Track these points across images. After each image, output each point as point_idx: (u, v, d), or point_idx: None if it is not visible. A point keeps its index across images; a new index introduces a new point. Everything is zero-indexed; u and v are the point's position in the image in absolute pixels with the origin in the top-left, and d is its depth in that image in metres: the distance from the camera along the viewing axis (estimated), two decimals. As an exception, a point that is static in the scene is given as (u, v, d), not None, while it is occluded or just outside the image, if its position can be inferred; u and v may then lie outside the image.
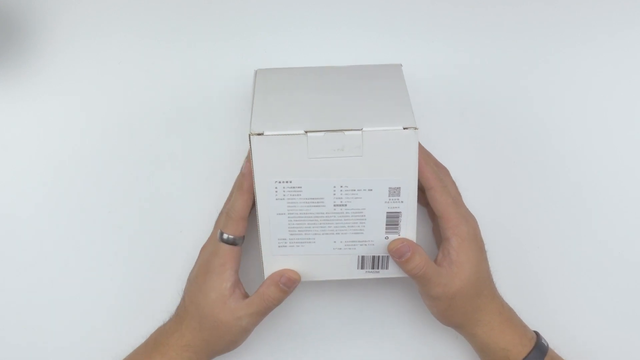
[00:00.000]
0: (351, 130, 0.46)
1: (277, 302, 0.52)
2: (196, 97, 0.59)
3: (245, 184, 0.50)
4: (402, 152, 0.47)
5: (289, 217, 0.49)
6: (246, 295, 0.53)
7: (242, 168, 0.51)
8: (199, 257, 0.54)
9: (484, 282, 0.53)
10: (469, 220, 0.53)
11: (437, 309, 0.53)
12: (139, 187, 0.59)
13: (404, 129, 0.46)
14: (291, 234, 0.50)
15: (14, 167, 0.59)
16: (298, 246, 0.51)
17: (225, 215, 0.52)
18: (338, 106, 0.49)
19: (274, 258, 0.51)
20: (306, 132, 0.46)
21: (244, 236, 0.52)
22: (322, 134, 0.46)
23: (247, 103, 0.53)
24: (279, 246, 0.51)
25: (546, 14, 0.59)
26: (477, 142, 0.60)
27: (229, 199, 0.53)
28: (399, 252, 0.50)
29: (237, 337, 0.53)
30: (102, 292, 0.59)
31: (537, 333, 0.54)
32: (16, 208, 0.59)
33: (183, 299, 0.54)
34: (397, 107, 0.48)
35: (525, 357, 0.52)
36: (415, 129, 0.46)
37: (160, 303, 0.57)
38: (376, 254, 0.51)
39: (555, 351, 0.54)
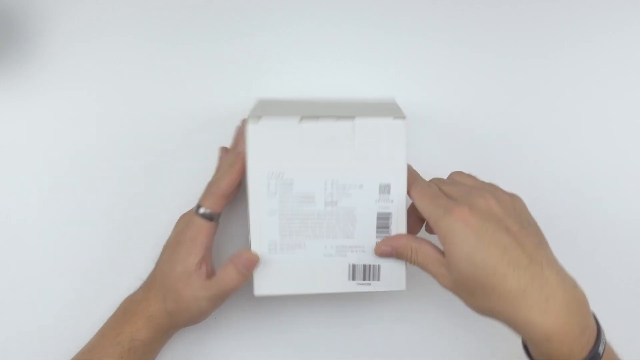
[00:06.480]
0: (343, 118, 0.48)
1: (235, 286, 0.50)
2: (196, 98, 0.59)
3: (237, 165, 0.50)
4: (391, 144, 0.49)
5: (280, 216, 0.49)
6: (212, 274, 0.51)
7: (236, 146, 0.51)
8: (175, 225, 0.53)
9: (484, 273, 0.43)
10: (452, 209, 0.45)
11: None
12: (137, 187, 0.59)
13: (394, 118, 0.48)
14: (282, 237, 0.50)
15: (13, 167, 0.59)
16: (288, 252, 0.50)
17: (207, 189, 0.51)
18: (332, 107, 0.53)
19: (264, 265, 0.50)
20: (301, 118, 0.48)
21: (220, 213, 0.51)
22: (315, 121, 0.48)
23: (246, 103, 0.52)
24: (269, 252, 0.50)
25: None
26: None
27: (216, 174, 0.53)
28: (385, 249, 0.49)
29: (195, 316, 0.52)
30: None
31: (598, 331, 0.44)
32: (14, 207, 0.59)
33: (155, 267, 0.53)
34: (387, 108, 0.52)
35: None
36: (404, 118, 0.48)
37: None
38: (367, 263, 0.50)
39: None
